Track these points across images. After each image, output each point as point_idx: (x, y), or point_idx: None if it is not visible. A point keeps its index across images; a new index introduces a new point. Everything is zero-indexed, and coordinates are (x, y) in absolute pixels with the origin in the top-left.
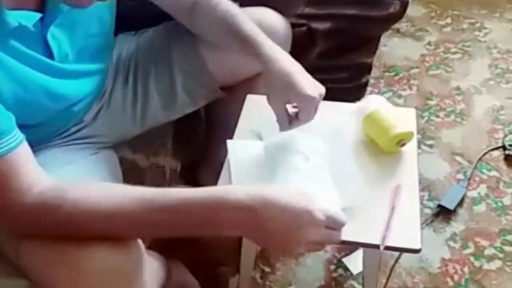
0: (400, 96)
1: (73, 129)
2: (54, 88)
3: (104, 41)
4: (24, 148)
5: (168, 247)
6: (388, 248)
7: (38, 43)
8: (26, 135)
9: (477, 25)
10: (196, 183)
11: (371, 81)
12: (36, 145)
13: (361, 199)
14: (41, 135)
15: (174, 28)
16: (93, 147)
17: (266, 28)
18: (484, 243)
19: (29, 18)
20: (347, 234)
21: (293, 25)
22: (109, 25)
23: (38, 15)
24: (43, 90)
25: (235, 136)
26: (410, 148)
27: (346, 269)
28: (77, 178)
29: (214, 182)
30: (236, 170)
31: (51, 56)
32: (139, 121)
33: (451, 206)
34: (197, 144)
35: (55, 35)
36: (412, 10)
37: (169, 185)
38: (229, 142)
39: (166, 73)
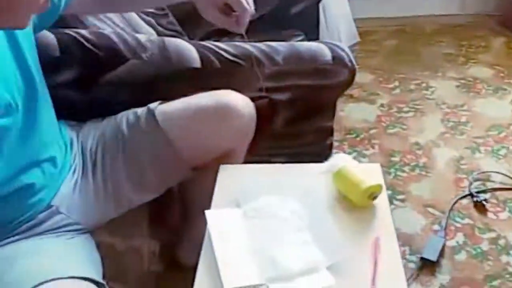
0: (364, 156)
1: (42, 217)
2: None
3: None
4: None
5: None
6: None
7: None
8: None
9: (423, 85)
10: (177, 262)
11: (336, 143)
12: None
13: (343, 255)
14: (3, 223)
15: (141, 114)
16: (68, 234)
17: (231, 108)
18: None
19: None
20: None
21: (254, 99)
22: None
23: None
24: None
25: (212, 205)
26: (382, 201)
27: None
28: (52, 267)
29: (195, 259)
30: (217, 240)
31: None
32: (113, 206)
33: (433, 258)
34: (174, 221)
35: None
36: (361, 77)
37: (148, 268)
38: (207, 213)
39: (135, 159)
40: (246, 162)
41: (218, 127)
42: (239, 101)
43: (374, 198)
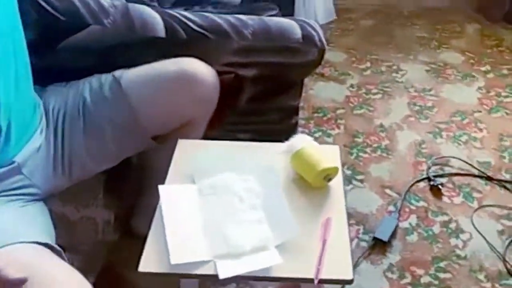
0: (329, 135)
1: (1, 173)
2: None
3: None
4: None
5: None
6: (322, 281)
7: None
8: None
9: (394, 67)
10: (131, 232)
11: (302, 122)
12: None
13: (293, 234)
14: None
15: (105, 81)
16: (22, 200)
17: (194, 76)
18: (420, 271)
19: None
20: (282, 270)
21: (220, 73)
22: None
23: None
24: None
25: (167, 180)
26: (337, 182)
27: None
28: (9, 229)
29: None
30: (168, 215)
31: None
32: (68, 174)
33: (385, 238)
34: (129, 192)
35: None
36: (334, 56)
37: (102, 237)
38: (161, 188)
39: (95, 126)
40: (209, 137)
41: (180, 94)
42: (203, 70)
43: (330, 180)
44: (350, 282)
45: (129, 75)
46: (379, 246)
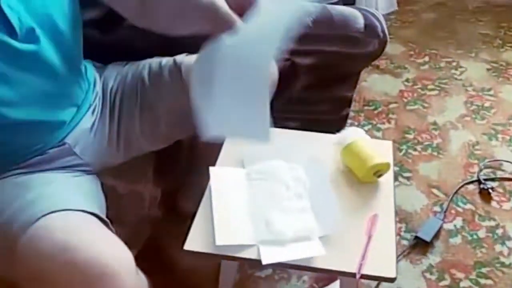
0: (379, 129)
1: (53, 153)
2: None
3: (68, 24)
4: None
5: (149, 272)
6: (364, 276)
7: None
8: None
9: (454, 63)
10: (176, 210)
11: (352, 114)
12: (10, 165)
13: (338, 228)
14: (14, 151)
15: (166, 65)
16: (76, 173)
17: None
18: (460, 275)
19: None
20: (324, 262)
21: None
22: (71, 12)
23: None
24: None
25: (217, 163)
26: (387, 179)
27: None
28: (64, 198)
29: (195, 209)
30: (217, 197)
31: (12, 30)
32: (122, 152)
33: (427, 238)
34: (178, 172)
35: (11, 5)
36: (392, 48)
37: (148, 212)
38: (211, 169)
39: (151, 108)
40: None
41: None
42: None
43: (380, 176)
44: (392, 280)
45: (189, 60)
46: (420, 245)
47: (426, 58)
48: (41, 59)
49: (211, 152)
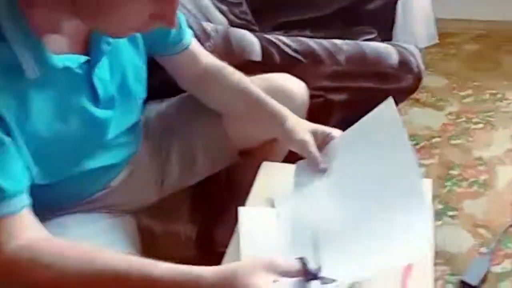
0: (422, 165)
1: (99, 195)
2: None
3: (139, 91)
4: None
5: None
6: None
7: (84, 85)
8: (48, 196)
9: (499, 95)
10: (211, 247)
11: None
12: (58, 210)
13: (368, 275)
14: (65, 197)
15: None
16: (117, 213)
17: (286, 92)
18: None
19: (74, 61)
20: None
21: (310, 97)
22: (142, 79)
23: (84, 58)
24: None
25: (248, 202)
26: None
27: None
28: (100, 240)
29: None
30: (245, 239)
31: (96, 98)
32: (158, 189)
33: (474, 282)
34: (214, 208)
35: (101, 76)
36: (433, 81)
37: (183, 252)
38: (240, 210)
39: (187, 140)
40: (295, 159)
41: None
42: (293, 85)
43: None
44: None
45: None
46: None
47: (470, 91)
48: (113, 122)
49: (245, 185)
